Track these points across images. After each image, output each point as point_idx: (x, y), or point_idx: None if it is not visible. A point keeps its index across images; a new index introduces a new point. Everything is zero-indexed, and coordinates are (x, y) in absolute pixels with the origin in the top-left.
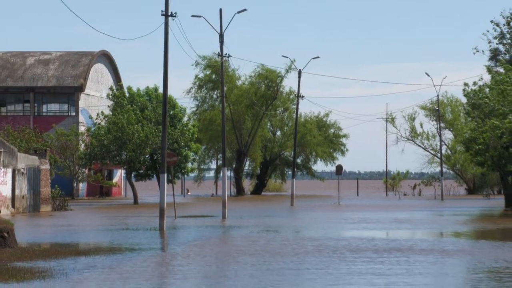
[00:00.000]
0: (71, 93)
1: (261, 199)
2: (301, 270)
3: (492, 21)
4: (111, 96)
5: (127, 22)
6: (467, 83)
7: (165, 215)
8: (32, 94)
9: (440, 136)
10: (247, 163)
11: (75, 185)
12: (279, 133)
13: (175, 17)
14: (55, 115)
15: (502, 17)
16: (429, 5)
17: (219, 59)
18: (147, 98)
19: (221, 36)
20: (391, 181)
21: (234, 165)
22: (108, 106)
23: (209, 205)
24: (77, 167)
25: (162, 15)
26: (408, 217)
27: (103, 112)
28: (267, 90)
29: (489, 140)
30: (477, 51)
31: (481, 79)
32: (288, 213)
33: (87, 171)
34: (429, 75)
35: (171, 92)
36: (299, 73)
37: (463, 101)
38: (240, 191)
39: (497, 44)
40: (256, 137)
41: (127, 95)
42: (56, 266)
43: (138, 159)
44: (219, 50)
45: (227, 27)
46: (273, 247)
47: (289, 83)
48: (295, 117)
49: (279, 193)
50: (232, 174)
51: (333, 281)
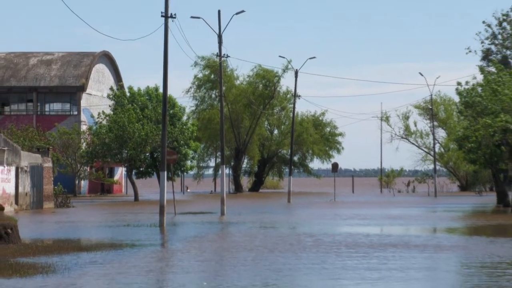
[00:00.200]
0: (73, 93)
1: (259, 196)
2: (298, 265)
3: (484, 22)
4: (112, 95)
5: (128, 23)
6: (460, 82)
7: (165, 212)
8: (35, 93)
9: (433, 134)
10: (245, 161)
11: (77, 182)
12: (276, 132)
13: (175, 18)
14: (58, 114)
15: (494, 18)
16: (428, 5)
17: (217, 60)
18: (147, 97)
19: (220, 37)
20: (385, 178)
21: (232, 163)
22: (109, 105)
23: (208, 202)
24: (79, 165)
25: (162, 16)
26: (402, 214)
27: (104, 111)
28: (265, 89)
29: (482, 138)
30: (470, 51)
31: (474, 78)
32: (285, 210)
33: (88, 169)
34: (422, 75)
35: (170, 91)
36: (296, 73)
37: (456, 100)
38: (238, 188)
39: (489, 44)
40: (254, 135)
41: (128, 94)
42: (58, 261)
43: (138, 157)
44: (217, 50)
45: (226, 28)
46: (270, 243)
47: (286, 83)
48: (292, 116)
49: (277, 190)
50: (230, 171)
51: (328, 275)
